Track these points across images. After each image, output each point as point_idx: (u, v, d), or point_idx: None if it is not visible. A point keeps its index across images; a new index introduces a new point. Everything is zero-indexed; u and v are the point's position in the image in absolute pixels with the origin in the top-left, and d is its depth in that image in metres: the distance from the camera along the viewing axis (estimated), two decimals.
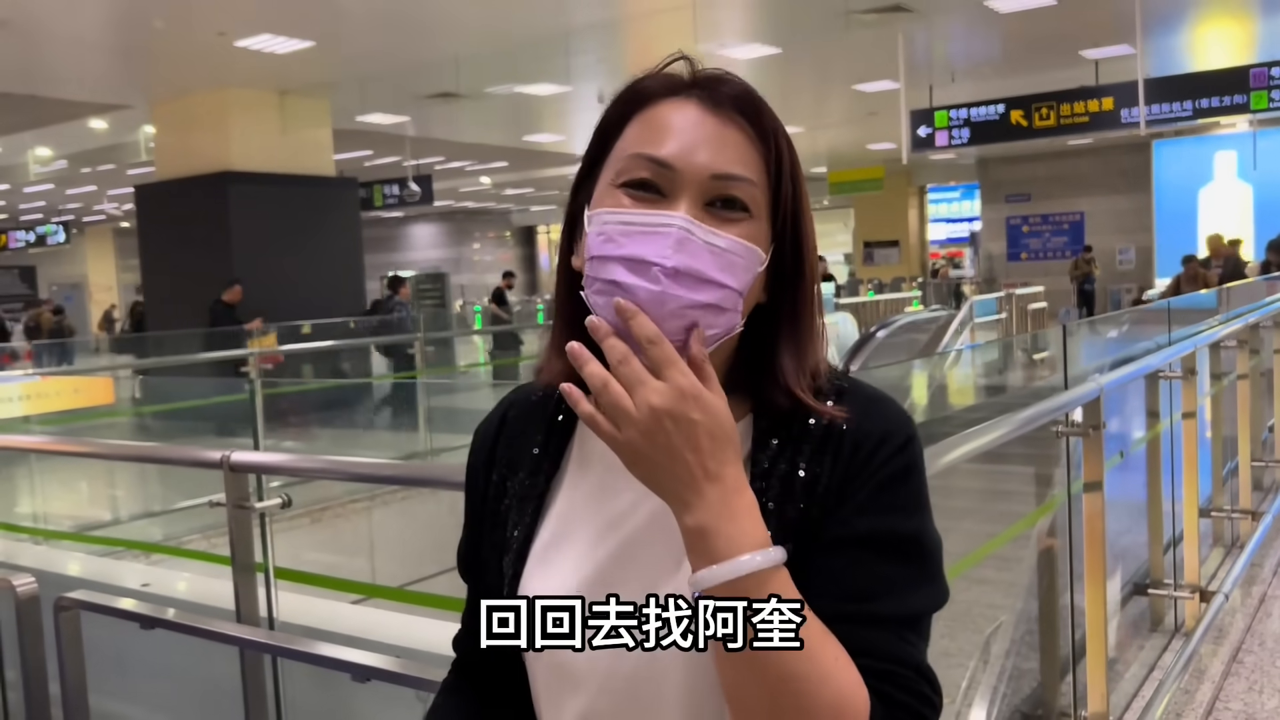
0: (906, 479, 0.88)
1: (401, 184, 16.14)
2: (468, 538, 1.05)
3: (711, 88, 0.89)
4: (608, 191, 0.88)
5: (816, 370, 0.92)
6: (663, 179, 0.86)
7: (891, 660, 0.83)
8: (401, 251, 31.09)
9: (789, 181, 0.89)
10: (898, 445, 0.88)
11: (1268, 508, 5.25)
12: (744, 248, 0.85)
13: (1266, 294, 6.78)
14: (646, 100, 0.90)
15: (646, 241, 0.83)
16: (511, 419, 1.03)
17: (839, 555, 0.85)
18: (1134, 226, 20.19)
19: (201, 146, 11.20)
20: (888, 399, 0.93)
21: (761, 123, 0.89)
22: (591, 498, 0.95)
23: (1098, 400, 2.75)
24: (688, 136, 0.86)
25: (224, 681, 2.68)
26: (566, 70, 11.30)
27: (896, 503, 0.87)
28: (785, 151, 0.90)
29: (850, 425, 0.88)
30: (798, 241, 0.90)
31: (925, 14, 10.03)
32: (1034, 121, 11.70)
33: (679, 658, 0.84)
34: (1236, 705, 3.36)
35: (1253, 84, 10.67)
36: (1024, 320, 12.46)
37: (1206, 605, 3.87)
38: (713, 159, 0.86)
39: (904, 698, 0.82)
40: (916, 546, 0.87)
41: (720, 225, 0.85)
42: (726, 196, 0.86)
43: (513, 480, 0.99)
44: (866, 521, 0.86)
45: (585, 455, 0.97)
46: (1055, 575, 2.83)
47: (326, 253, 11.66)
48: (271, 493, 2.30)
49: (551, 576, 0.93)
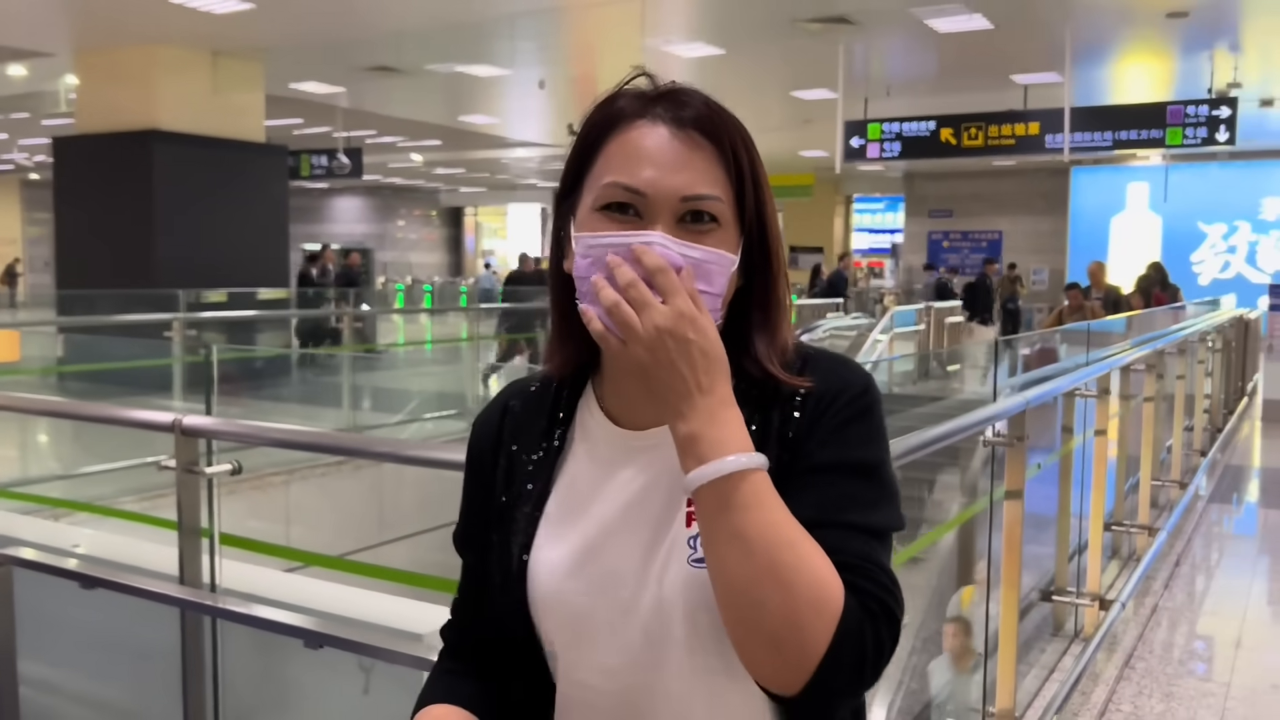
0: (865, 418, 0.99)
1: (330, 155, 15.87)
2: (470, 518, 1.13)
3: (675, 107, 0.98)
4: (589, 216, 0.97)
5: (785, 346, 1.02)
6: (638, 203, 0.95)
7: (861, 558, 0.91)
8: (324, 224, 30.51)
9: (751, 187, 0.98)
10: (856, 393, 0.99)
11: (1163, 524, 5.53)
12: (717, 255, 0.95)
13: (1170, 323, 7.13)
14: (618, 122, 0.98)
15: (626, 261, 0.91)
16: (514, 408, 1.11)
17: (810, 480, 0.96)
18: (1049, 248, 20.88)
19: (127, 102, 10.86)
20: (848, 360, 1.05)
21: (724, 141, 0.97)
22: (595, 473, 1.05)
23: (1023, 414, 2.89)
24: (657, 163, 0.95)
25: (151, 647, 2.67)
26: (510, 54, 11.27)
27: (859, 437, 0.98)
28: (746, 159, 0.98)
29: (817, 385, 0.99)
30: (764, 237, 1.00)
31: (867, 28, 10.25)
32: (963, 140, 12.03)
33: (684, 674, 0.97)
34: (1127, 708, 3.56)
35: (1169, 120, 11.14)
36: (941, 333, 12.79)
37: (1105, 613, 4.08)
38: (681, 184, 0.95)
39: (873, 589, 0.90)
40: (878, 472, 0.98)
41: (693, 238, 0.94)
42: (695, 211, 0.95)
43: (521, 463, 1.08)
44: (831, 452, 0.97)
45: (588, 436, 1.06)
46: (972, 578, 2.97)
47: (252, 221, 11.40)
48: (221, 458, 2.31)
49: (559, 545, 1.03)
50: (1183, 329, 7.11)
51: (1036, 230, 21.29)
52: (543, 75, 13.29)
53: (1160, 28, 10.31)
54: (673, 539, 0.99)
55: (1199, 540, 5.83)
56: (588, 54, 12.59)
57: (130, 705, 2.69)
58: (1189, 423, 7.22)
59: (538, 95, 14.56)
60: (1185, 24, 9.98)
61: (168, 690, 2.46)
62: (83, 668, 2.67)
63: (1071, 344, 4.40)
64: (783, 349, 1.01)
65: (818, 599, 0.86)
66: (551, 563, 1.03)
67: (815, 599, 0.86)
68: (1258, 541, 6.07)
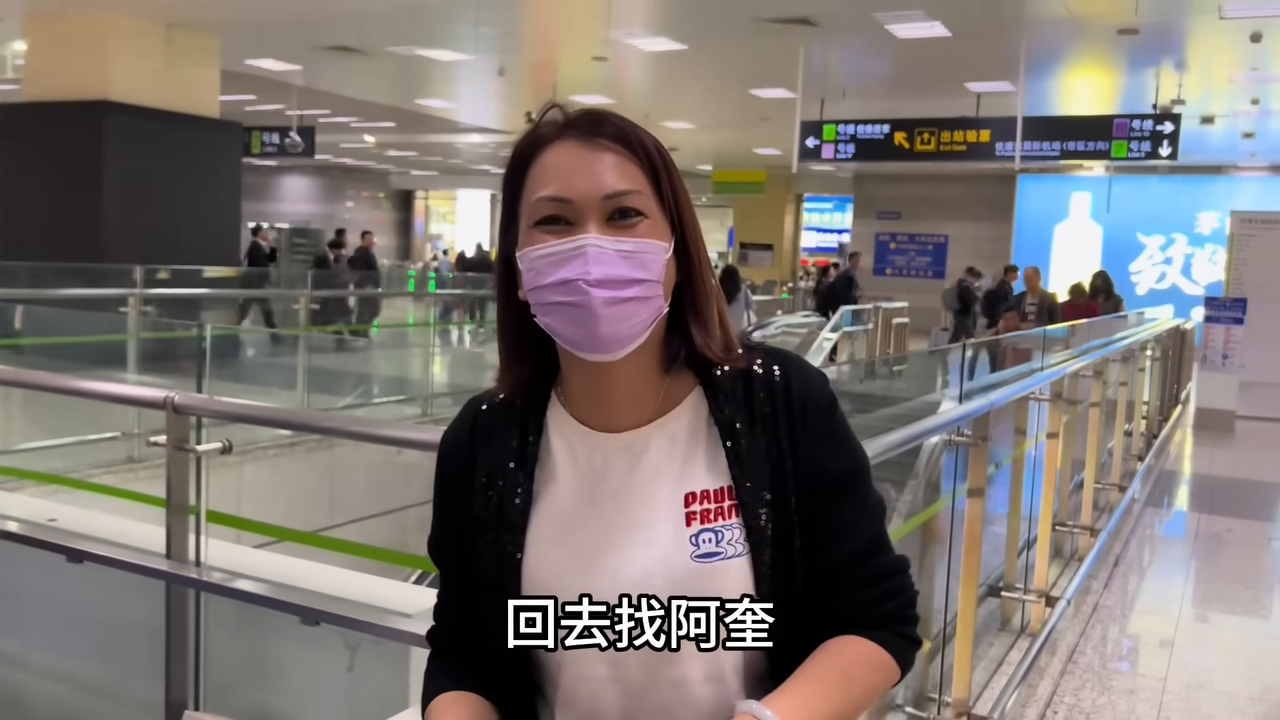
0: (835, 412, 1.11)
1: (282, 133, 15.64)
2: (446, 530, 1.16)
3: (588, 126, 1.05)
4: (527, 234, 1.04)
5: (728, 334, 1.10)
6: (567, 211, 1.02)
7: (887, 574, 1.11)
8: (271, 202, 30.03)
9: (668, 182, 1.06)
10: (819, 387, 1.11)
11: (1104, 525, 5.73)
12: (648, 244, 1.02)
13: (1110, 332, 7.36)
14: (537, 148, 1.05)
15: (567, 265, 1.00)
16: (483, 423, 1.15)
17: (822, 505, 1.08)
18: (993, 254, 21.27)
19: (78, 71, 10.61)
20: (793, 354, 1.15)
21: (632, 142, 1.04)
22: (578, 477, 1.10)
23: (987, 415, 3.01)
24: (574, 172, 1.02)
25: (128, 623, 2.68)
26: (473, 39, 11.22)
27: (844, 435, 1.12)
28: (659, 158, 1.06)
29: (782, 377, 1.09)
30: (684, 231, 1.07)
31: (828, 30, 10.38)
32: (916, 145, 12.22)
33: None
34: (1070, 700, 3.72)
35: (1115, 133, 11.44)
36: (889, 334, 13.00)
37: (1050, 610, 4.24)
38: (599, 184, 1.02)
39: (902, 607, 1.11)
40: (864, 472, 1.13)
41: (623, 233, 1.01)
42: (622, 208, 1.02)
43: (498, 475, 1.11)
44: (837, 460, 1.10)
45: (566, 442, 1.11)
46: (933, 571, 3.08)
47: (204, 197, 11.22)
48: (212, 436, 2.32)
49: (555, 548, 1.08)
50: (1127, 337, 7.35)
51: (981, 235, 21.70)
52: (503, 62, 13.25)
53: (1110, 43, 10.59)
54: (672, 537, 1.05)
55: (1135, 542, 6.06)
56: (549, 43, 12.58)
57: (106, 682, 2.70)
58: (1129, 428, 7.47)
59: (496, 82, 14.52)
60: (1134, 41, 10.27)
61: (144, 667, 2.47)
62: (55, 644, 2.67)
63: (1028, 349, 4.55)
64: (723, 336, 1.09)
65: (883, 683, 1.10)
66: (549, 566, 1.07)
67: (883, 686, 1.10)
68: (1189, 545, 6.31)
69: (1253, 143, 16.85)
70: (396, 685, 2.22)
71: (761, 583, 1.04)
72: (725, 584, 1.03)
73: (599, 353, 1.02)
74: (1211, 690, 3.94)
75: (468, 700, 1.12)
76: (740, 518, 1.05)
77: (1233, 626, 4.86)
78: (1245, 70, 11.69)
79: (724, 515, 1.05)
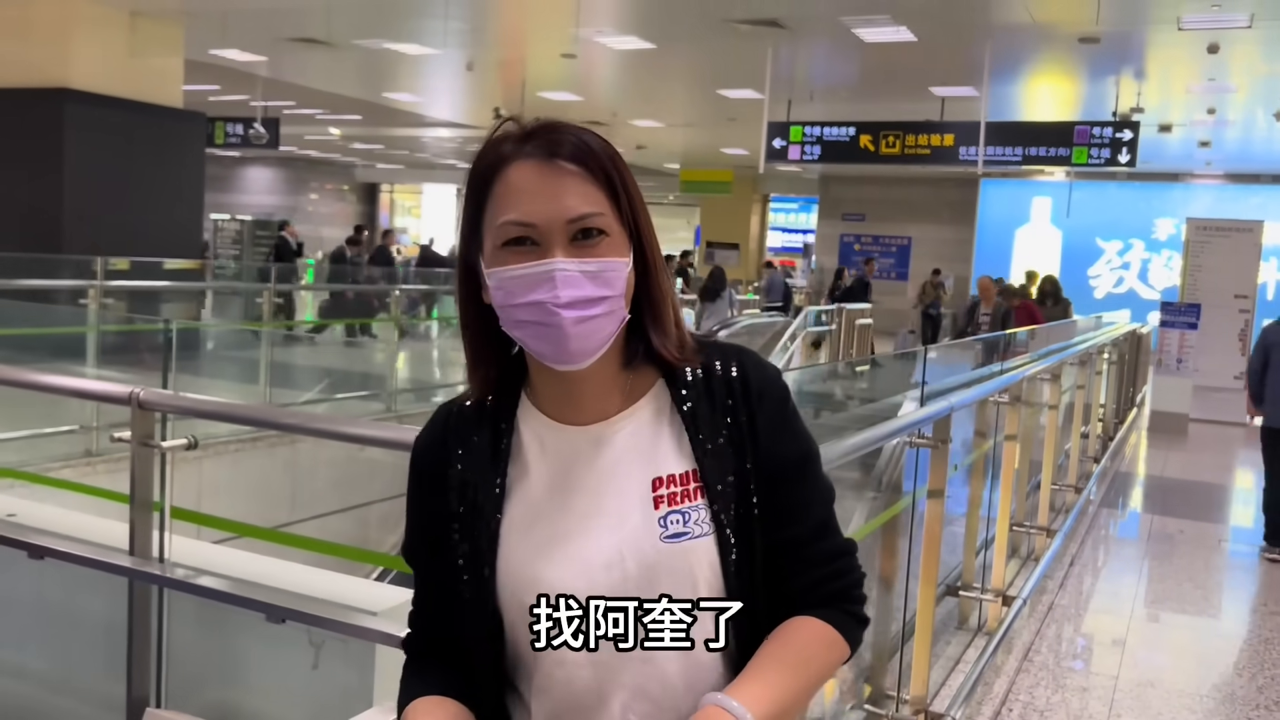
0: (788, 402, 1.19)
1: (247, 124, 15.48)
2: (421, 532, 1.20)
3: (546, 144, 1.08)
4: (495, 253, 1.08)
5: (683, 333, 1.16)
6: (533, 234, 1.06)
7: (837, 554, 1.18)
8: (234, 194, 29.69)
9: (626, 198, 1.10)
10: (774, 379, 1.18)
11: (1060, 526, 5.83)
12: (610, 263, 1.07)
13: (1068, 336, 7.48)
14: (499, 166, 1.09)
15: (537, 289, 1.05)
16: (454, 425, 1.19)
17: (785, 486, 1.15)
18: (955, 256, 21.51)
19: (37, 58, 10.45)
20: (747, 349, 1.22)
21: (590, 163, 1.08)
22: (550, 467, 1.15)
23: (948, 418, 3.06)
24: (537, 195, 1.06)
25: (85, 620, 2.66)
26: (442, 34, 11.16)
27: (796, 424, 1.18)
28: (615, 173, 1.10)
29: (739, 369, 1.16)
30: (640, 241, 1.12)
31: (797, 32, 10.45)
32: (881, 148, 12.32)
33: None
34: (1024, 698, 3.79)
35: (1076, 139, 11.61)
36: (852, 334, 13.10)
37: (1007, 609, 4.31)
38: (562, 208, 1.06)
39: (849, 586, 1.18)
40: (815, 458, 1.20)
41: (587, 253, 1.06)
42: (584, 229, 1.07)
43: (473, 472, 1.16)
44: (788, 446, 1.16)
45: (536, 436, 1.16)
46: (893, 571, 3.13)
47: (166, 188, 11.08)
48: (177, 432, 2.32)
49: (528, 537, 1.12)
50: (1085, 342, 7.47)
51: (943, 238, 21.91)
52: (471, 57, 13.20)
53: (1072, 51, 10.75)
54: (641, 519, 1.10)
55: (1090, 543, 6.17)
56: (518, 39, 12.55)
57: (67, 679, 2.68)
58: (1085, 430, 7.59)
59: (463, 77, 14.45)
60: (1095, 50, 10.43)
61: (106, 664, 2.46)
62: (14, 640, 2.65)
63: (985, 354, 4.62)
64: (678, 335, 1.15)
65: (836, 660, 1.16)
66: (521, 554, 1.11)
67: (835, 662, 1.17)
68: (1142, 546, 6.43)
69: (1209, 151, 17.16)
70: (361, 683, 2.22)
71: (727, 559, 1.10)
72: (693, 562, 1.09)
73: (567, 364, 1.08)
74: (1162, 688, 4.03)
75: (444, 705, 1.14)
76: (705, 499, 1.11)
77: (1183, 626, 4.97)
78: (1202, 80, 11.91)
79: (690, 497, 1.11)
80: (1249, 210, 17.30)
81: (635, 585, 1.08)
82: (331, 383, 8.70)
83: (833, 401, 4.51)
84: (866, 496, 3.25)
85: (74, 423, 5.63)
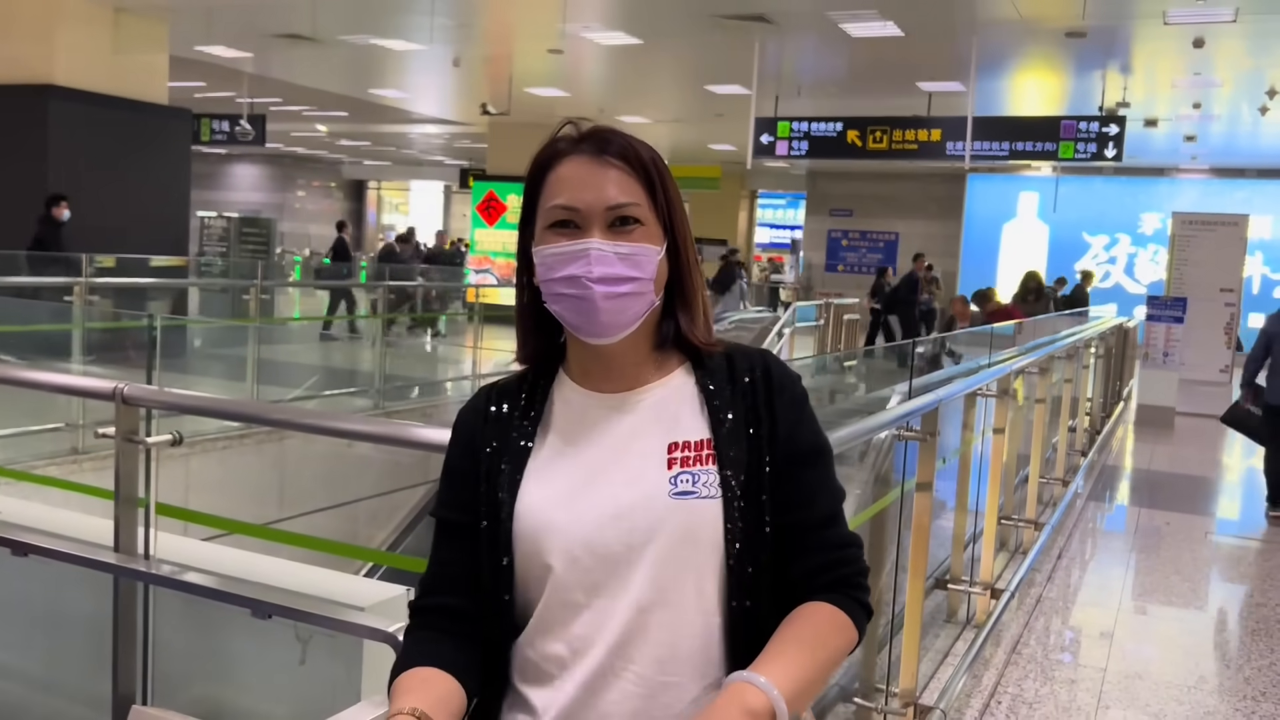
0: (806, 401, 1.28)
1: (233, 120, 15.42)
2: (451, 490, 1.29)
3: (598, 143, 1.22)
4: (544, 234, 1.22)
5: (709, 324, 1.28)
6: (576, 217, 1.20)
7: (845, 545, 1.26)
8: (221, 190, 29.57)
9: (663, 195, 1.23)
10: (795, 379, 1.28)
11: (1047, 520, 5.85)
12: (642, 248, 1.20)
13: (1056, 330, 7.50)
14: (554, 160, 1.23)
15: (573, 264, 1.18)
16: (496, 396, 1.32)
17: (798, 471, 1.24)
18: (943, 251, 21.53)
19: (21, 54, 10.38)
20: (766, 349, 1.32)
21: (635, 160, 1.22)
22: (575, 428, 1.26)
23: (935, 410, 3.06)
24: (586, 185, 1.20)
25: (67, 618, 2.64)
26: (428, 30, 11.12)
27: (811, 422, 1.27)
28: (656, 174, 1.23)
29: (762, 364, 1.27)
30: (675, 235, 1.25)
31: (784, 28, 10.45)
32: (868, 143, 12.34)
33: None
34: (1014, 690, 3.80)
35: (1063, 134, 11.64)
36: (839, 329, 13.13)
37: (995, 602, 4.32)
38: (603, 196, 1.19)
39: (855, 574, 1.25)
40: (828, 454, 1.29)
41: (622, 238, 1.20)
42: (621, 216, 1.20)
43: (507, 430, 1.28)
44: (805, 438, 1.26)
45: (566, 401, 1.28)
46: (882, 564, 3.13)
47: (152, 185, 11.02)
48: (163, 428, 2.30)
49: (549, 485, 1.23)
50: (1071, 335, 7.50)
51: (931, 233, 21.93)
52: (458, 53, 13.17)
53: (1059, 46, 10.77)
54: (655, 477, 1.19)
55: (1078, 536, 6.19)
56: (505, 35, 12.51)
57: (51, 677, 2.66)
58: (1073, 424, 7.62)
59: (451, 73, 14.42)
60: (1082, 44, 10.45)
61: (91, 661, 2.44)
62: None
63: (974, 346, 4.63)
64: (704, 326, 1.27)
65: (847, 645, 1.22)
66: (538, 500, 1.21)
67: (846, 646, 1.22)
68: (1130, 538, 6.46)
69: (1194, 146, 17.23)
70: (348, 678, 2.21)
71: (732, 526, 1.18)
72: (697, 521, 1.18)
73: (598, 337, 1.20)
74: (1150, 680, 4.05)
75: (431, 682, 1.17)
76: (716, 465, 1.20)
77: (1170, 618, 4.99)
78: (1188, 75, 11.95)
79: (702, 462, 1.20)
80: (1234, 204, 17.37)
81: (642, 536, 1.17)
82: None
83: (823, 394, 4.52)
84: (853, 492, 3.25)
85: (61, 420, 5.60)
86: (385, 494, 6.23)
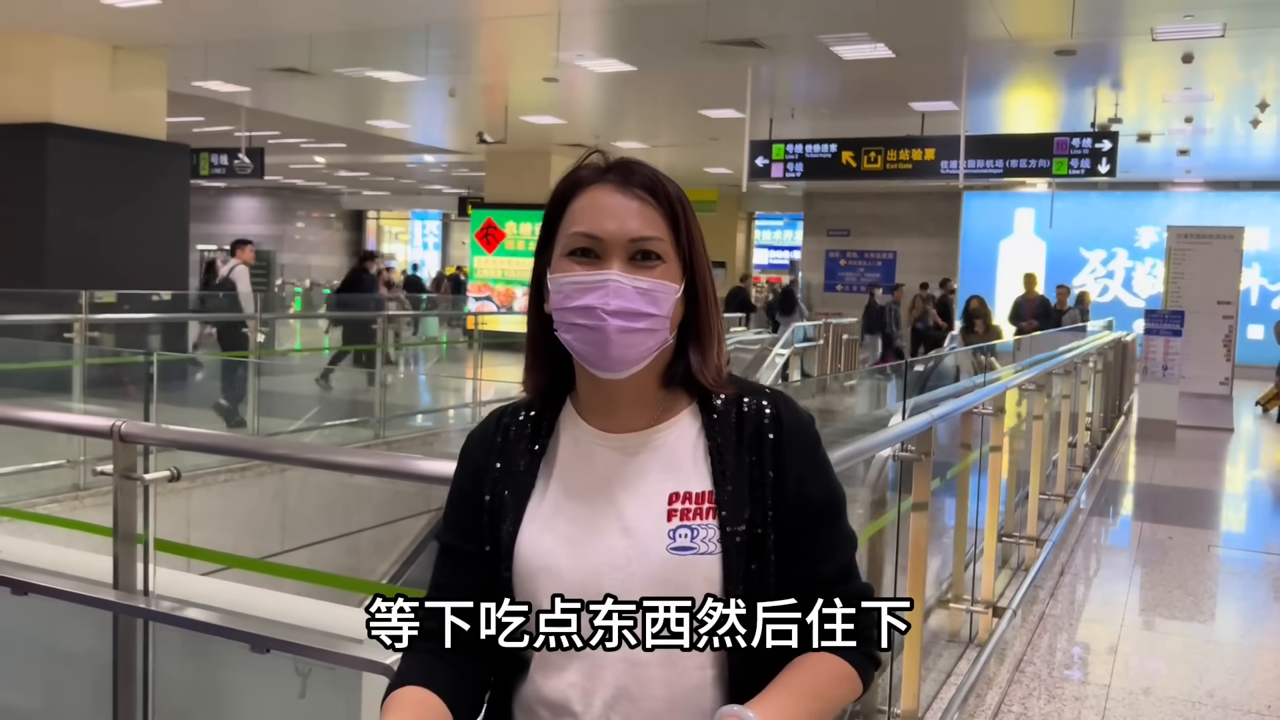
0: (819, 447, 1.26)
1: (231, 154, 15.50)
2: (461, 512, 1.28)
3: (624, 174, 1.19)
4: (560, 261, 1.19)
5: (721, 366, 1.24)
6: (597, 246, 1.17)
7: (858, 597, 1.21)
8: (221, 224, 29.67)
9: (685, 232, 1.20)
10: (807, 423, 1.25)
11: (1049, 536, 5.85)
12: (661, 285, 1.17)
13: (1054, 346, 7.51)
14: (578, 187, 1.21)
15: (591, 294, 1.15)
16: (505, 424, 1.30)
17: (803, 527, 1.20)
18: (940, 269, 21.58)
19: (19, 92, 10.46)
20: (782, 391, 1.29)
21: (660, 194, 1.19)
22: (579, 466, 1.24)
23: (930, 430, 3.07)
24: (610, 215, 1.17)
25: (68, 655, 2.64)
26: (424, 61, 11.21)
27: (823, 470, 1.25)
28: (681, 210, 1.20)
29: (772, 408, 1.23)
30: (694, 274, 1.21)
31: (776, 52, 10.52)
32: (862, 164, 12.38)
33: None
34: (1018, 709, 3.79)
35: (1056, 151, 11.68)
36: (839, 349, 13.14)
37: (998, 620, 4.31)
38: (628, 228, 1.17)
39: (867, 630, 1.19)
40: (842, 505, 1.26)
41: (642, 272, 1.17)
42: (643, 250, 1.17)
43: (512, 466, 1.27)
44: (818, 488, 1.23)
45: (574, 438, 1.26)
46: (879, 584, 3.13)
47: (151, 220, 11.08)
48: (161, 464, 2.32)
49: (549, 524, 1.21)
50: (1070, 351, 7.51)
51: (928, 251, 22.01)
52: (454, 83, 13.26)
53: (1049, 63, 10.84)
54: (653, 528, 1.17)
55: (1080, 551, 6.18)
56: (500, 64, 12.60)
57: (52, 715, 2.66)
58: (1073, 439, 7.62)
59: (447, 103, 14.51)
60: (1072, 61, 10.53)
61: (92, 698, 2.44)
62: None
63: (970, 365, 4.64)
64: (715, 368, 1.23)
65: (849, 695, 1.20)
66: (537, 546, 1.20)
67: (847, 697, 1.20)
68: (1133, 553, 6.44)
69: (1188, 159, 17.30)
70: (348, 710, 2.22)
71: (731, 584, 1.15)
72: (693, 579, 1.15)
73: (607, 371, 1.18)
74: (1156, 695, 4.04)
75: (422, 705, 1.17)
76: (717, 521, 1.17)
77: (1175, 632, 4.98)
78: (1178, 90, 12.02)
79: (702, 516, 1.17)
80: (1230, 217, 17.43)
81: (638, 589, 1.14)
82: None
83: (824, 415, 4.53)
84: (856, 510, 3.26)
85: (62, 457, 5.62)
86: (388, 524, 6.24)
